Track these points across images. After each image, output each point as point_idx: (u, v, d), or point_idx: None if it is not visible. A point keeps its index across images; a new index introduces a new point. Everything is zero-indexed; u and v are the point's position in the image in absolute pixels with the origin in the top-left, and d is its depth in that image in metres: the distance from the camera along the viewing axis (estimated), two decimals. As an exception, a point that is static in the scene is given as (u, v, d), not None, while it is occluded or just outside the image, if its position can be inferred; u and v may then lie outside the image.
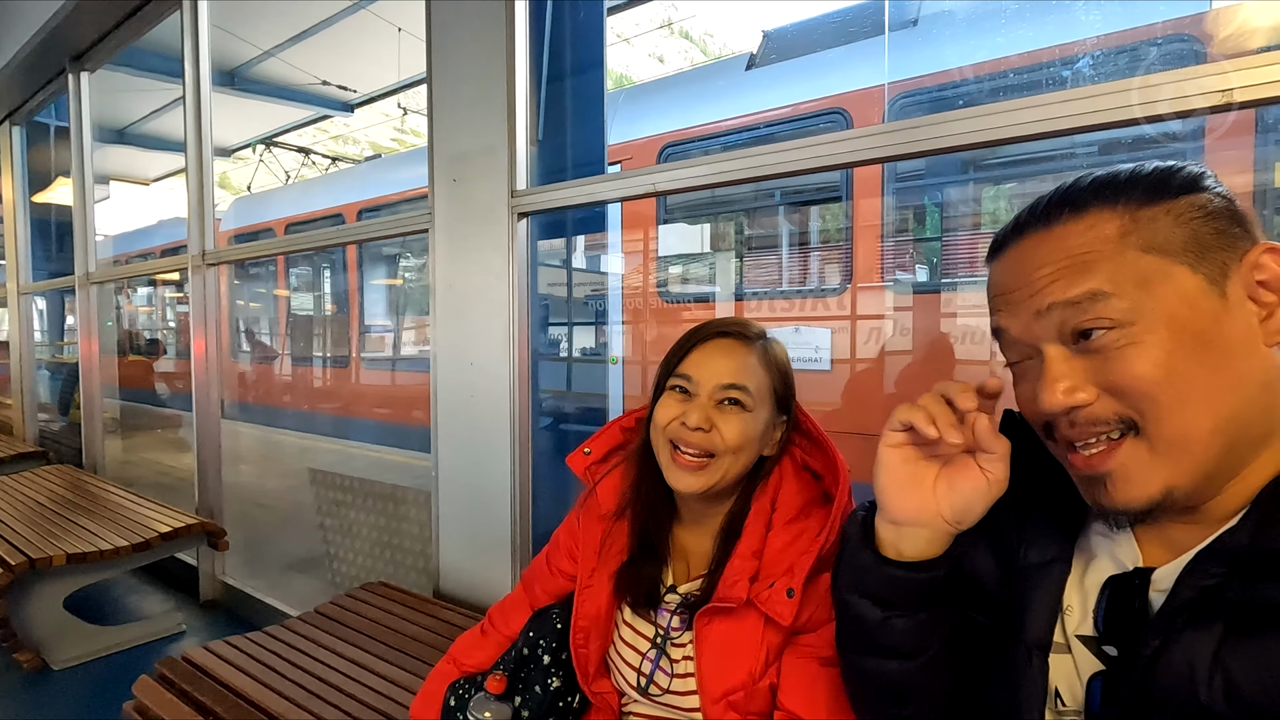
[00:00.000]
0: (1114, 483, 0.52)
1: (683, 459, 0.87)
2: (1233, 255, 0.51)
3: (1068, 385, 0.52)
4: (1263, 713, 0.44)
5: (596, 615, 0.95)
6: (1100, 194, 0.54)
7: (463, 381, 1.83)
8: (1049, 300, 0.53)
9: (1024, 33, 3.15)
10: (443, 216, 1.85)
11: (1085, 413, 0.53)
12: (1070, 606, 0.59)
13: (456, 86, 1.79)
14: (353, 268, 6.82)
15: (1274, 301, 0.50)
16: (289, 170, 8.82)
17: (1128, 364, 0.51)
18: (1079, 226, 0.54)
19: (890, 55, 3.55)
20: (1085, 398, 0.52)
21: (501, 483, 1.76)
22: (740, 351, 0.90)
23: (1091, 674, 0.56)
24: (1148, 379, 0.50)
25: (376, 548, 2.37)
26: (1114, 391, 0.52)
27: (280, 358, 7.71)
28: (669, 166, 1.46)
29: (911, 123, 1.18)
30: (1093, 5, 2.99)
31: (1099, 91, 1.01)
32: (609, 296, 4.66)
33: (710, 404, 0.87)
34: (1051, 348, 0.54)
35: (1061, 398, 0.52)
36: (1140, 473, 0.51)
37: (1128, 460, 0.52)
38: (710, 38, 23.61)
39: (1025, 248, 0.56)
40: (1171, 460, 0.50)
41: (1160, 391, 0.50)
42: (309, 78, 6.44)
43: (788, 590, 0.81)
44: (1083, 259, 0.52)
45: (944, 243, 3.65)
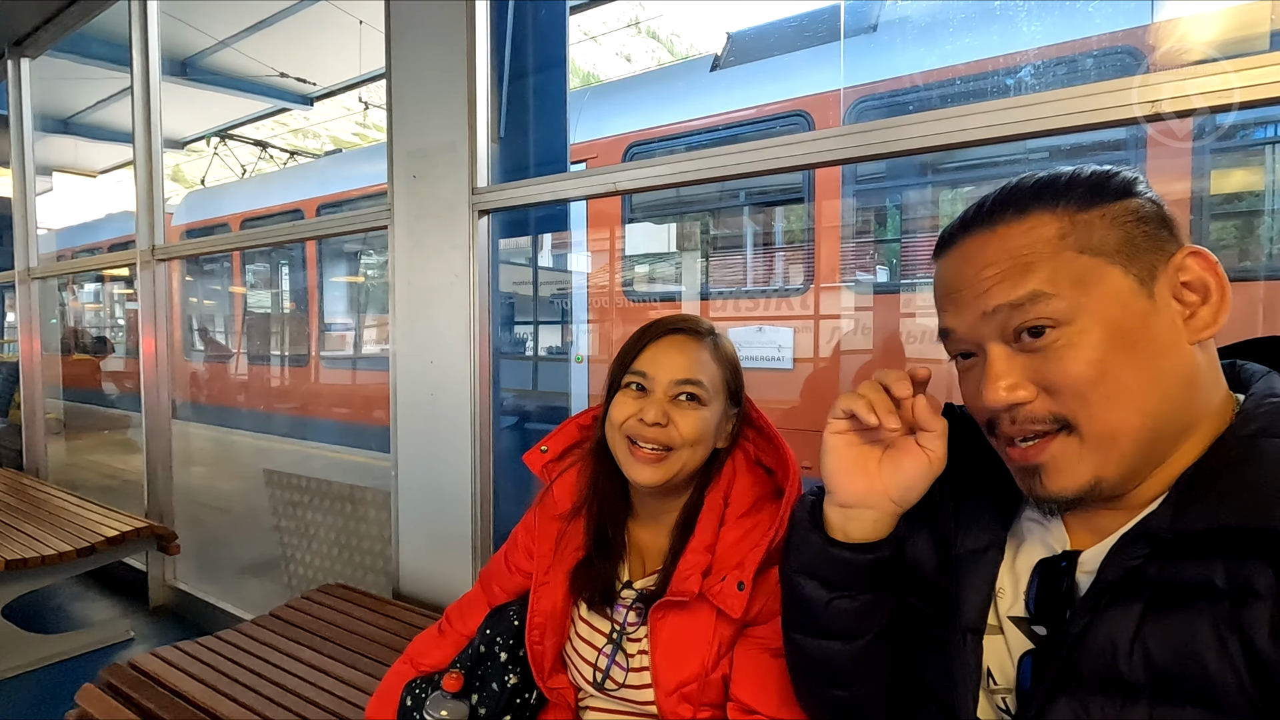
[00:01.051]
0: (1047, 474, 0.55)
1: (641, 453, 0.88)
2: (1160, 257, 0.54)
3: (1009, 383, 0.55)
4: (1174, 680, 0.48)
5: (552, 612, 0.96)
6: (1041, 196, 0.56)
7: (423, 380, 1.82)
8: (994, 302, 0.55)
9: (977, 41, 3.24)
10: (402, 213, 1.82)
11: (1025, 411, 0.55)
12: (1002, 589, 0.62)
13: (416, 82, 1.77)
14: (312, 264, 6.67)
15: (1196, 302, 0.53)
16: (245, 164, 8.57)
17: (1064, 363, 0.53)
18: (1021, 227, 0.56)
19: (850, 60, 3.61)
20: (1025, 395, 0.55)
21: (462, 482, 1.75)
22: (693, 347, 0.91)
23: (1022, 653, 0.58)
24: (1081, 378, 0.53)
25: (334, 549, 2.33)
26: (1050, 389, 0.54)
27: (236, 356, 7.51)
28: (630, 165, 1.47)
29: (869, 125, 1.21)
30: (1059, 14, 3.08)
31: (1042, 99, 1.05)
32: (574, 295, 4.65)
33: (666, 399, 0.89)
34: (995, 346, 0.56)
35: (1003, 395, 0.55)
36: (1070, 465, 0.54)
37: (1059, 453, 0.55)
38: (677, 38, 23.69)
39: (970, 247, 0.59)
40: (1100, 454, 0.53)
41: (1091, 390, 0.53)
42: (266, 69, 6.27)
43: (738, 584, 0.82)
44: (1024, 260, 0.55)
45: (903, 244, 3.73)
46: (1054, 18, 3.10)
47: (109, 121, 6.65)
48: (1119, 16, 2.94)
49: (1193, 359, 0.53)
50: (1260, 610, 0.45)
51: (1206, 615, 0.47)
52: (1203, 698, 0.46)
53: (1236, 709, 0.45)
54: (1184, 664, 0.47)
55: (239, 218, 6.94)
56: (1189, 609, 0.48)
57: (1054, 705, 0.53)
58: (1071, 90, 1.02)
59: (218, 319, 8.07)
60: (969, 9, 3.35)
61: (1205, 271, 0.53)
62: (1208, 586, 0.48)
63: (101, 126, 6.76)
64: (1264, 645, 0.44)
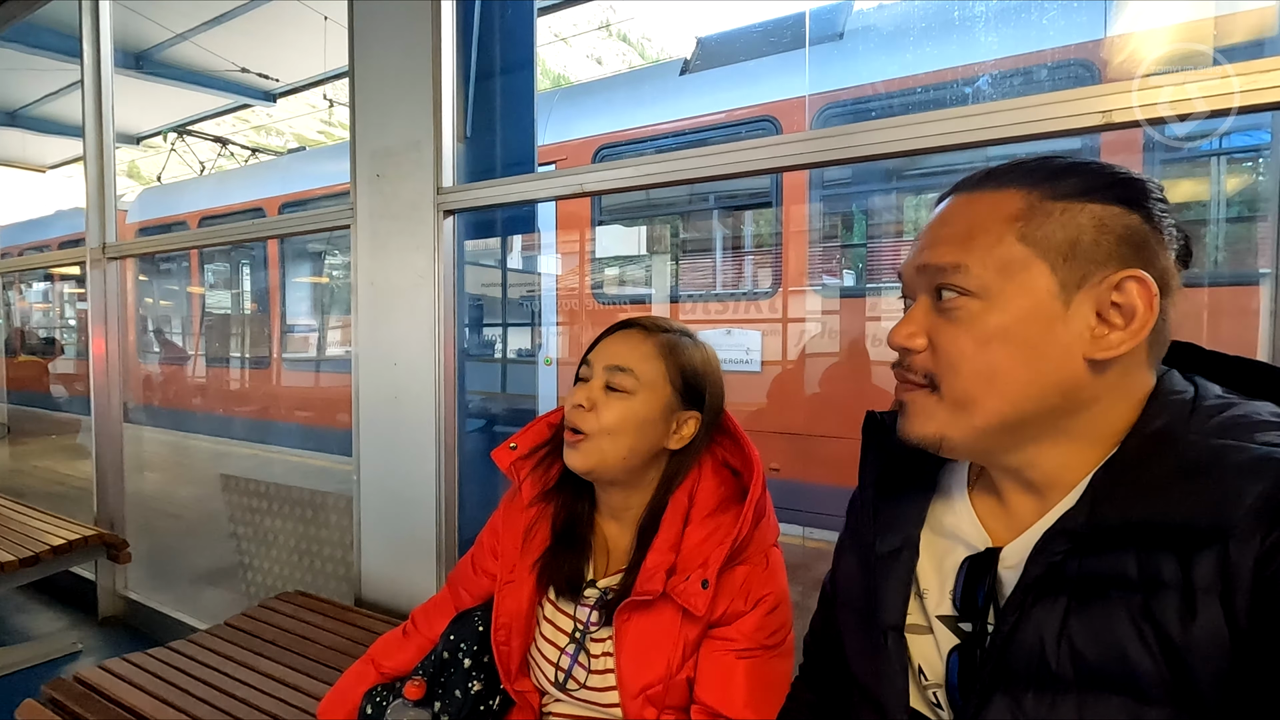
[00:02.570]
0: (904, 414, 0.60)
1: (568, 436, 0.91)
2: (1100, 269, 0.54)
3: (911, 330, 0.59)
4: (1098, 671, 0.49)
5: (518, 611, 0.95)
6: (1030, 176, 0.57)
7: (386, 382, 1.79)
8: (925, 259, 0.59)
9: (939, 51, 3.31)
10: (365, 212, 1.79)
11: (913, 359, 0.59)
12: (928, 590, 0.64)
13: (380, 80, 1.75)
14: (274, 264, 6.52)
15: (1118, 325, 0.53)
16: (204, 161, 8.34)
17: (954, 331, 0.56)
18: (991, 199, 0.57)
19: (818, 66, 3.66)
20: (918, 344, 0.59)
21: (426, 485, 1.72)
22: (636, 339, 0.92)
23: (949, 649, 0.60)
24: (963, 351, 0.56)
25: (294, 556, 2.27)
26: (935, 349, 0.58)
27: (194, 358, 7.29)
28: (598, 167, 1.46)
29: (834, 131, 1.23)
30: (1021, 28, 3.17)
31: (1000, 108, 1.07)
32: (543, 298, 4.62)
33: (600, 386, 0.90)
34: (922, 297, 0.60)
35: (899, 338, 0.59)
36: (923, 415, 0.59)
37: (918, 400, 0.59)
38: (648, 41, 23.79)
39: (947, 206, 0.61)
40: (950, 417, 0.57)
41: (964, 363, 0.56)
42: (227, 64, 6.12)
43: (702, 582, 0.82)
44: (970, 230, 0.57)
45: (869, 249, 3.79)
46: (1012, 30, 3.19)
47: (59, 115, 6.41)
48: (1073, 31, 3.04)
49: (1079, 372, 0.54)
50: (1170, 600, 0.47)
51: (1122, 607, 0.49)
52: (1125, 686, 0.48)
53: (1156, 695, 0.47)
54: (1106, 655, 0.49)
55: (197, 216, 6.75)
56: (1107, 601, 0.50)
57: (990, 703, 0.54)
58: (1028, 99, 1.05)
59: (174, 320, 7.83)
60: (931, 20, 3.42)
61: (1140, 300, 0.53)
62: (1122, 578, 0.50)
63: (51, 120, 6.52)
64: (1175, 632, 0.46)
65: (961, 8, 3.34)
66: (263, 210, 6.20)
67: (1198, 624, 0.46)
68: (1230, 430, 0.50)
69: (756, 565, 0.88)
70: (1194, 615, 0.46)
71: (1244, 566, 0.45)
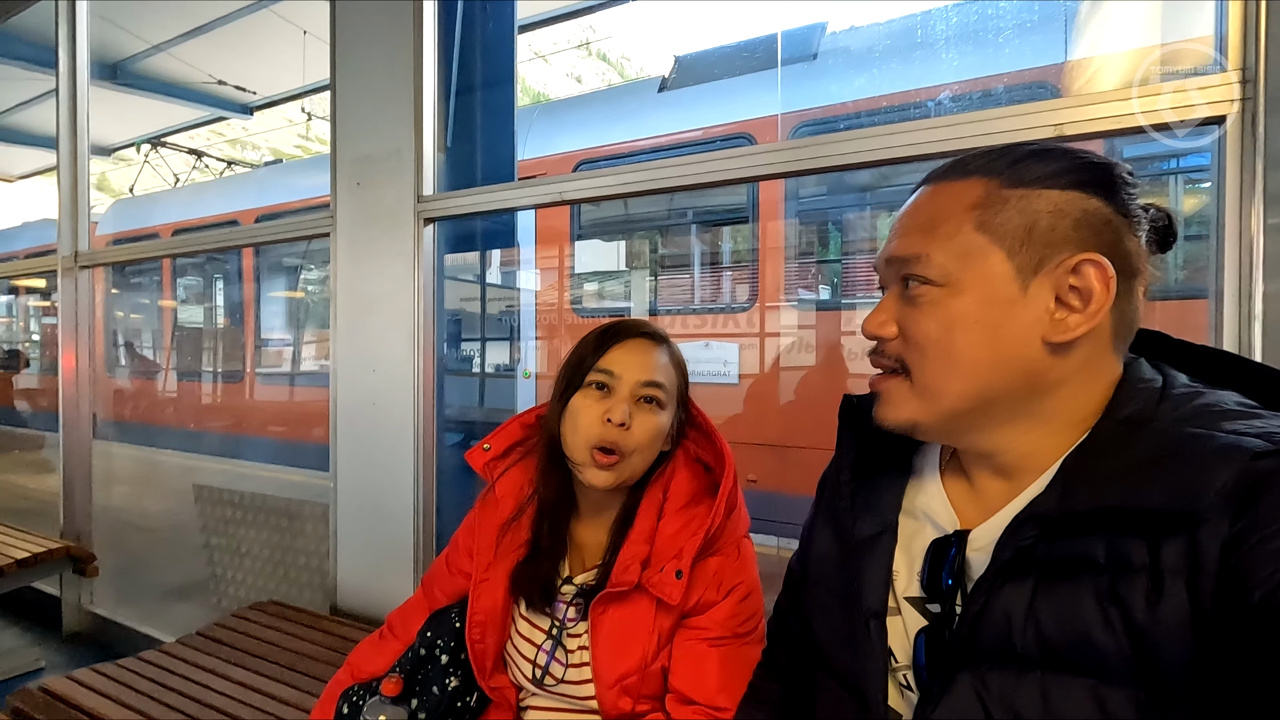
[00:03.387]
0: (879, 402, 0.63)
1: (602, 457, 0.88)
2: (1056, 253, 0.55)
3: (883, 319, 0.62)
4: (1062, 650, 0.51)
5: (493, 609, 0.96)
6: (992, 165, 0.59)
7: (364, 389, 1.79)
8: (892, 253, 0.61)
9: (908, 72, 3.42)
10: (345, 220, 1.81)
11: (886, 346, 0.62)
12: (898, 571, 0.65)
13: (362, 88, 1.77)
14: (249, 278, 6.45)
15: (1077, 308, 0.55)
16: (178, 173, 8.25)
17: (920, 317, 0.59)
18: (954, 189, 0.60)
19: (792, 85, 3.75)
20: (888, 333, 0.62)
21: (404, 491, 1.73)
22: (655, 350, 0.93)
23: (916, 630, 0.62)
24: (927, 335, 0.59)
25: (269, 566, 2.25)
26: (905, 335, 0.61)
27: (166, 373, 7.16)
28: (577, 176, 1.50)
29: (807, 141, 1.28)
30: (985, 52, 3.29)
31: (966, 120, 1.13)
32: (522, 312, 4.63)
33: (631, 400, 0.90)
34: (892, 287, 0.63)
35: (872, 327, 0.62)
36: (896, 401, 0.61)
37: (892, 388, 0.62)
38: (628, 61, 24.07)
39: (914, 199, 0.63)
40: (921, 402, 0.60)
41: (931, 347, 0.58)
42: (204, 76, 6.09)
43: (676, 572, 0.85)
44: (933, 221, 0.59)
45: (844, 264, 3.86)
46: (981, 53, 3.31)
47: (30, 125, 6.32)
48: (1035, 56, 3.17)
49: (1039, 355, 0.56)
50: (1137, 583, 0.48)
51: (1089, 589, 0.50)
52: (1089, 667, 0.50)
53: (1119, 675, 0.48)
54: (1071, 635, 0.50)
55: (170, 228, 6.67)
56: (1074, 583, 0.51)
57: (956, 681, 0.55)
58: (987, 112, 1.11)
59: (146, 334, 7.69)
60: (900, 44, 3.54)
61: (1097, 282, 0.54)
62: (1090, 561, 0.51)
63: (22, 130, 6.43)
64: (1140, 614, 0.48)
65: (928, 34, 3.46)
66: (238, 223, 6.14)
67: (1163, 606, 0.47)
68: (1199, 418, 0.51)
69: (728, 556, 0.90)
70: (1160, 597, 0.47)
71: (1211, 551, 0.46)
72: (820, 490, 0.78)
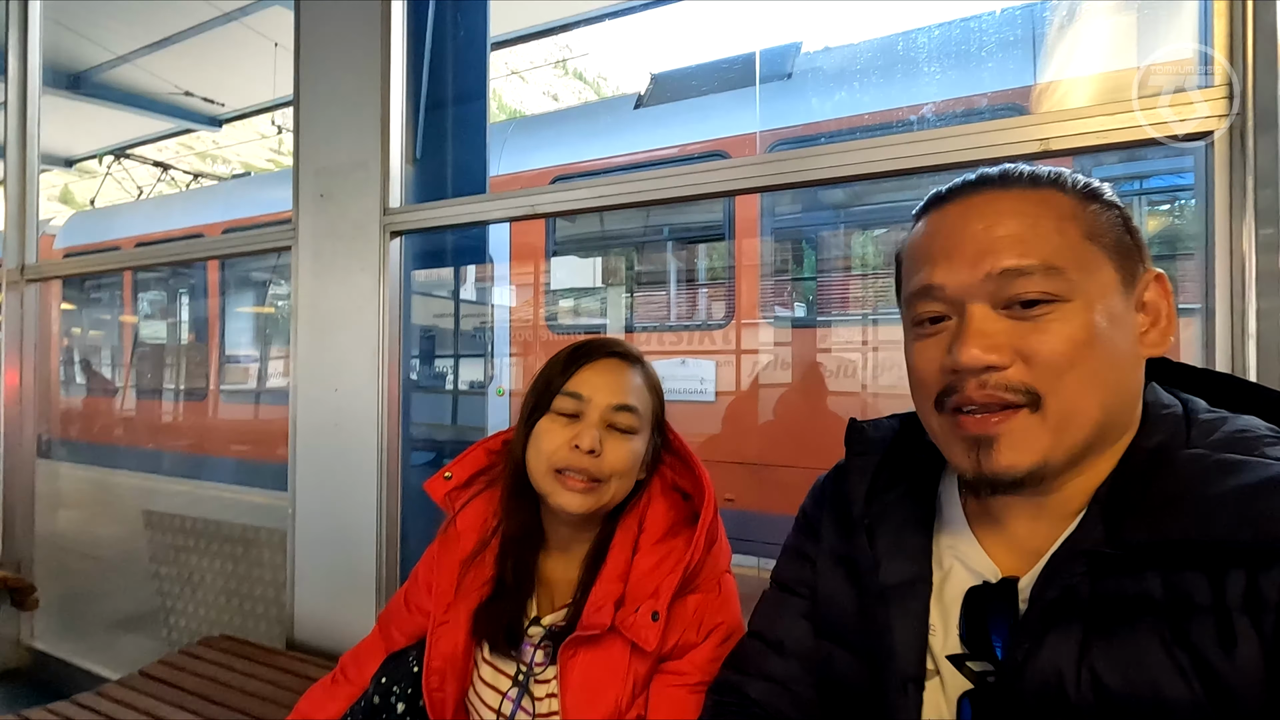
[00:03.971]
0: (1000, 447, 0.52)
1: (571, 480, 0.82)
2: (1137, 266, 0.54)
3: (990, 343, 0.52)
4: (1125, 701, 0.46)
5: (453, 654, 0.88)
6: (1053, 179, 0.56)
7: (326, 409, 1.70)
8: (1005, 264, 0.52)
9: (883, 93, 3.46)
10: (308, 233, 1.73)
11: (999, 376, 0.52)
12: (934, 626, 0.58)
13: (327, 96, 1.70)
14: (214, 294, 6.28)
15: (1147, 322, 0.54)
16: (143, 186, 8.04)
17: (1050, 337, 0.51)
18: (1036, 195, 0.54)
19: (768, 104, 3.77)
20: (1002, 360, 0.52)
21: (366, 518, 1.64)
22: (627, 372, 0.88)
23: (960, 694, 0.55)
24: (1063, 355, 0.51)
25: (221, 597, 2.13)
26: (1028, 359, 0.51)
27: (124, 390, 6.91)
28: (550, 189, 1.45)
29: (786, 155, 1.24)
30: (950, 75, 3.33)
31: (947, 134, 1.10)
32: (496, 329, 4.57)
33: (601, 425, 0.84)
34: (978, 306, 0.53)
35: (981, 354, 0.51)
36: (1027, 441, 0.51)
37: (1019, 427, 0.52)
38: (604, 80, 24.26)
39: (980, 202, 0.55)
40: (1055, 435, 0.51)
41: (1069, 369, 0.51)
42: (170, 87, 5.96)
43: (652, 614, 0.78)
44: (1038, 227, 0.53)
45: (819, 282, 3.87)
46: (952, 75, 3.36)
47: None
48: (1007, 78, 3.22)
49: (1139, 374, 0.54)
50: (1206, 624, 0.44)
51: (1152, 632, 0.46)
52: (1155, 716, 0.45)
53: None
54: (1135, 685, 0.46)
55: (132, 241, 6.47)
56: (1134, 628, 0.46)
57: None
58: (973, 126, 1.08)
59: (105, 351, 7.43)
60: (875, 64, 3.58)
61: (1161, 298, 0.54)
62: (1148, 601, 0.47)
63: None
64: (1215, 658, 0.43)
65: (900, 55, 3.50)
66: (204, 237, 5.98)
67: (1240, 649, 0.43)
68: (1235, 445, 0.48)
69: (709, 593, 0.84)
70: (1234, 641, 0.43)
71: (1276, 584, 0.43)
72: (809, 524, 0.71)
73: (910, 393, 0.60)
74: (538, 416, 0.87)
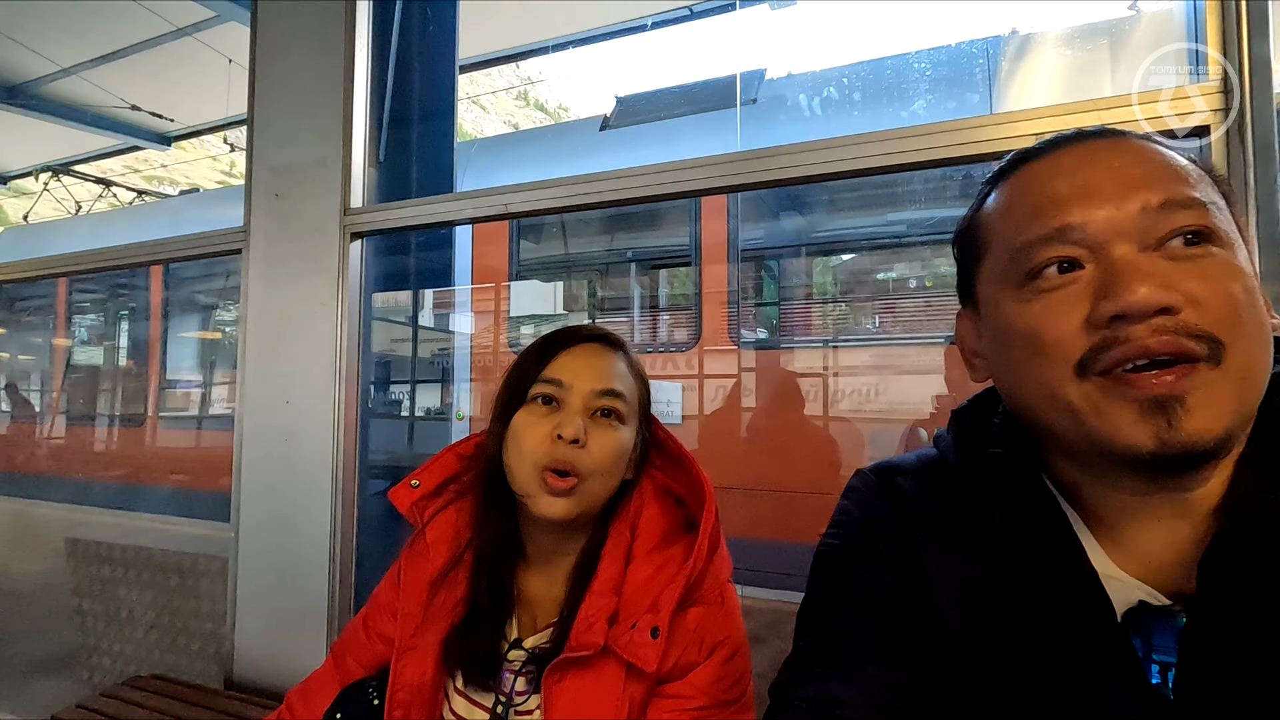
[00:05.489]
0: (1190, 409, 0.42)
1: (556, 481, 0.73)
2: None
3: (1161, 281, 0.43)
4: None
5: (420, 684, 0.77)
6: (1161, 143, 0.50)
7: (276, 423, 1.58)
8: (1163, 196, 0.45)
9: (841, 120, 3.53)
10: (260, 234, 1.62)
11: (1177, 319, 0.43)
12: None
13: (285, 88, 1.61)
14: (156, 316, 5.99)
15: None
16: (82, 203, 7.69)
17: (1218, 280, 0.43)
18: (1157, 146, 0.49)
19: (733, 127, 3.81)
20: (1177, 299, 0.43)
21: (318, 541, 1.51)
22: (610, 356, 0.80)
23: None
24: (1237, 299, 0.43)
25: (154, 633, 1.94)
26: (1198, 304, 0.43)
27: (54, 416, 6.50)
28: (521, 186, 1.38)
29: (761, 152, 1.21)
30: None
31: (939, 129, 1.08)
32: (456, 354, 4.47)
33: (584, 413, 0.76)
34: (1125, 246, 0.45)
35: (1153, 293, 0.43)
36: (1216, 399, 0.42)
37: (1205, 383, 0.43)
38: (565, 111, 24.54)
39: (1102, 148, 0.48)
40: (1239, 394, 0.43)
41: (1244, 315, 0.43)
42: (118, 101, 5.74)
43: (652, 630, 0.69)
44: (1178, 169, 0.47)
45: (781, 308, 3.89)
46: (911, 106, 3.44)
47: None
48: (963, 110, 3.31)
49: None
50: None
51: None
52: None
53: None
54: None
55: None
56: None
57: None
58: (969, 120, 1.06)
59: (34, 376, 7.01)
60: (837, 91, 3.66)
61: None
62: None
63: None
64: None
65: (867, 79, 3.58)
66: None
67: None
68: None
69: (711, 606, 0.75)
70: None
71: None
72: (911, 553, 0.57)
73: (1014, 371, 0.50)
74: (513, 411, 0.79)
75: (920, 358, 3.30)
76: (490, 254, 4.16)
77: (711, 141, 3.80)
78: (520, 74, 22.08)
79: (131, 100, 5.78)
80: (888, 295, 3.72)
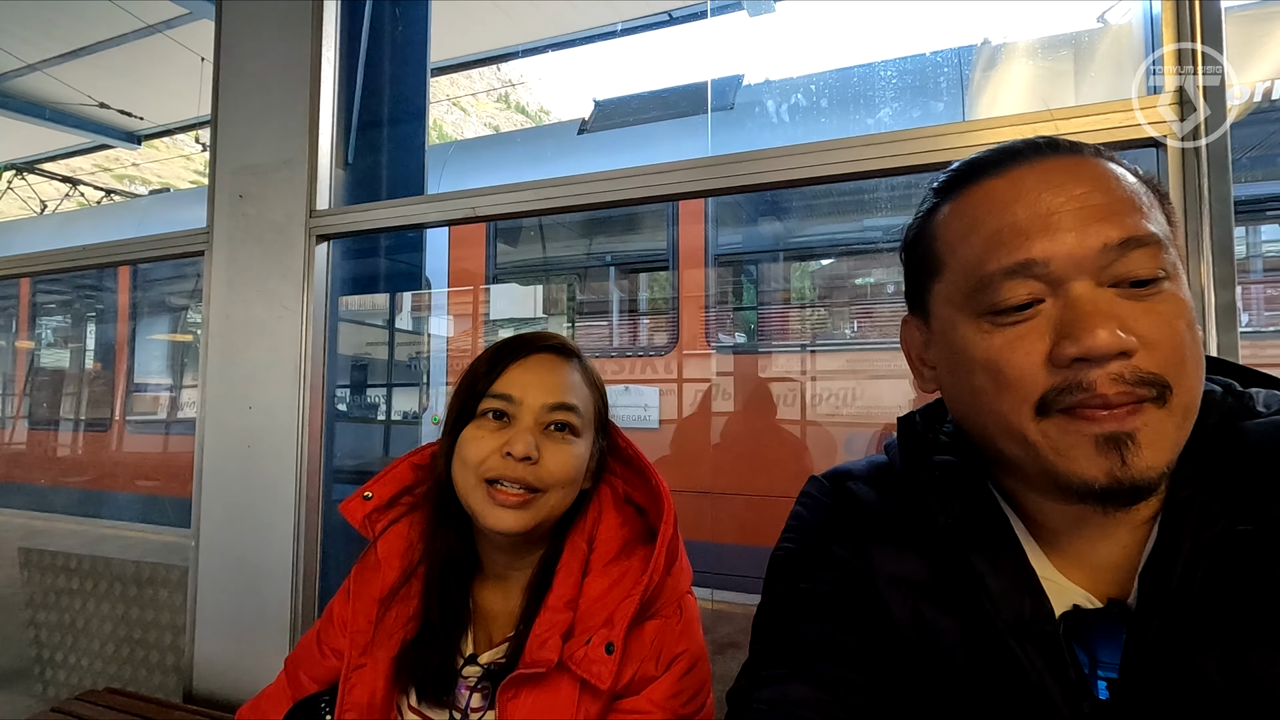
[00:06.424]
0: (1139, 446, 0.44)
1: (503, 494, 0.72)
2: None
3: (1119, 324, 0.44)
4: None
5: (370, 703, 0.75)
6: (1110, 155, 0.50)
7: (238, 428, 1.54)
8: (1124, 234, 0.45)
9: (815, 126, 3.56)
10: (223, 236, 1.58)
11: (1132, 365, 0.44)
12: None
13: (250, 87, 1.58)
14: (124, 318, 5.86)
15: None
16: (47, 201, 7.51)
17: (1164, 321, 0.44)
18: (1112, 167, 0.48)
19: (712, 132, 3.82)
20: (1133, 344, 0.43)
21: (281, 550, 1.47)
22: (564, 367, 0.78)
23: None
24: (1181, 340, 0.44)
25: (110, 645, 1.88)
26: (1149, 345, 0.44)
27: (15, 420, 6.33)
28: (491, 189, 1.36)
29: (737, 157, 1.20)
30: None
31: (906, 136, 1.08)
32: (433, 358, 4.42)
33: (536, 428, 0.74)
34: (1084, 283, 0.45)
35: (1113, 338, 0.43)
36: (1161, 436, 0.44)
37: (1154, 421, 0.44)
38: (547, 115, 24.50)
39: (1059, 168, 0.48)
40: (1180, 429, 0.45)
41: (1188, 354, 0.45)
42: (85, 98, 5.61)
43: (606, 645, 0.68)
44: (1133, 198, 0.46)
45: (759, 312, 3.90)
46: (880, 114, 3.48)
47: None
48: (933, 119, 3.35)
49: None
50: None
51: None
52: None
53: None
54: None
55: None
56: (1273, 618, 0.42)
57: None
58: (936, 128, 1.06)
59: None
60: (813, 98, 3.69)
61: None
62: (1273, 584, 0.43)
63: None
64: None
65: (844, 86, 3.61)
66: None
67: None
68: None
69: (669, 619, 0.74)
70: None
71: None
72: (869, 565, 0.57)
73: (972, 397, 0.50)
74: (463, 424, 0.77)
75: (897, 362, 3.33)
76: (467, 257, 4.13)
77: (689, 146, 3.81)
78: (502, 76, 22.02)
79: (100, 98, 5.66)
80: (865, 300, 3.75)
